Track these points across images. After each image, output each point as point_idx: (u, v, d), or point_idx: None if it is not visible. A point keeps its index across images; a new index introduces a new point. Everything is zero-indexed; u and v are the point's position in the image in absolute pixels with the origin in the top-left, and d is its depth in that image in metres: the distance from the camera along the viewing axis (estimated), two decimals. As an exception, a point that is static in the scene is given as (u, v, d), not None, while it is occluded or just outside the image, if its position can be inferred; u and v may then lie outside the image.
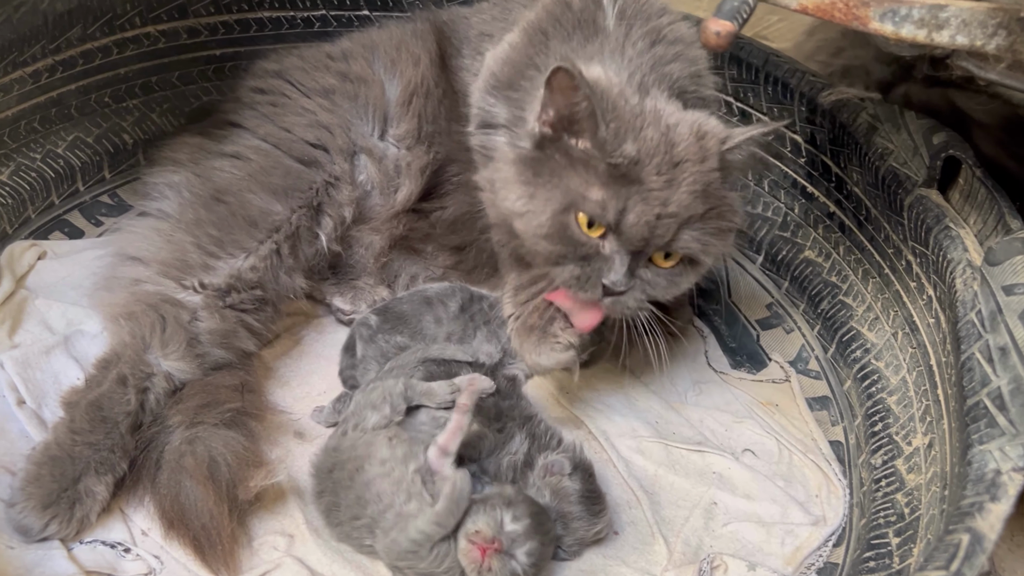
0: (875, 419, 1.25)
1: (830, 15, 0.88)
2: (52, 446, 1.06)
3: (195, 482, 1.05)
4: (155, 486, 1.07)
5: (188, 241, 1.23)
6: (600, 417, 1.30)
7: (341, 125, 1.35)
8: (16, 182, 1.43)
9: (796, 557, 1.14)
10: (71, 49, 1.46)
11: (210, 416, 1.12)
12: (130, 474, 1.09)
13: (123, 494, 1.09)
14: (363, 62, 1.41)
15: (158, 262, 1.22)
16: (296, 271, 1.31)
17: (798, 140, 1.47)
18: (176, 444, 1.09)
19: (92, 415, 1.08)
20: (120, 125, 1.58)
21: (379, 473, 1.02)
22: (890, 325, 1.29)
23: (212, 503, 1.04)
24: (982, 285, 1.03)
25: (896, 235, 1.27)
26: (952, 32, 0.86)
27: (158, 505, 1.07)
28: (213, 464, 1.07)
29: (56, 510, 1.02)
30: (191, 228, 1.24)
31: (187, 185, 1.30)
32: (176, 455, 1.08)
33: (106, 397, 1.10)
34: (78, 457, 1.05)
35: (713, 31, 0.84)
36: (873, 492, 1.17)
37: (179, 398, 1.15)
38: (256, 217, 1.26)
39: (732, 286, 1.55)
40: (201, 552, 1.03)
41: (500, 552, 1.00)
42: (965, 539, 0.78)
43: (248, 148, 1.33)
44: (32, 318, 1.29)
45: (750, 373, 1.41)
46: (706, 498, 1.21)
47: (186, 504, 1.04)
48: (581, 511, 1.08)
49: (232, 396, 1.16)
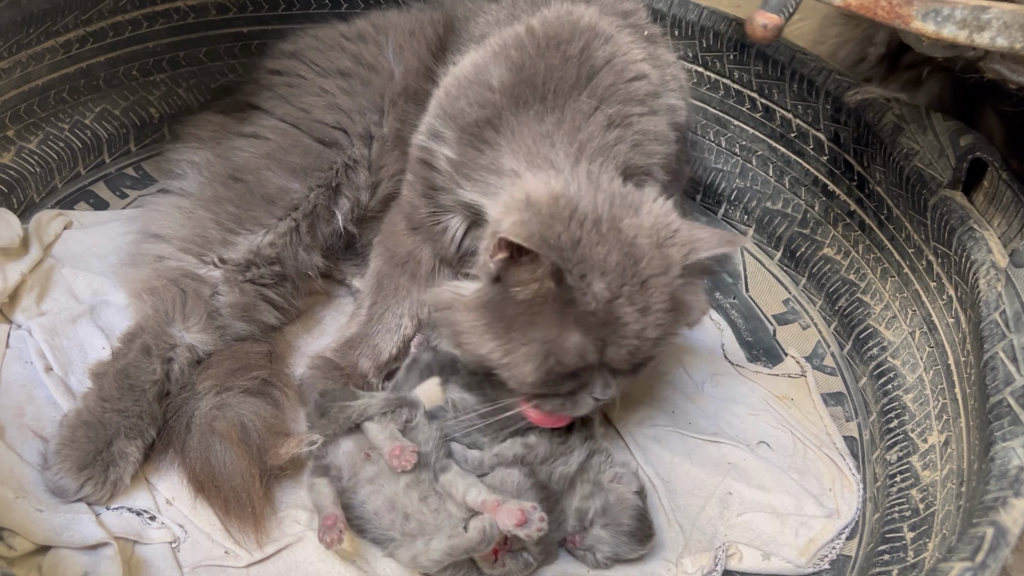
0: (891, 416, 1.26)
1: (872, 12, 0.89)
2: (84, 412, 1.08)
3: (227, 443, 1.06)
4: (185, 450, 1.09)
5: (208, 218, 1.24)
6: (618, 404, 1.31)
7: (358, 110, 1.36)
8: (44, 151, 1.44)
9: (810, 548, 1.15)
10: (102, 21, 1.47)
11: (239, 382, 1.14)
12: (159, 440, 1.10)
13: (150, 464, 1.10)
14: (375, 47, 1.41)
15: (179, 239, 1.23)
16: (314, 249, 1.31)
17: (821, 138, 1.48)
18: (206, 409, 1.11)
19: (120, 383, 1.10)
20: (147, 99, 1.59)
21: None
22: (908, 324, 1.31)
23: (244, 465, 1.06)
24: (1007, 286, 1.05)
25: (918, 235, 1.28)
26: (993, 34, 0.87)
27: (188, 468, 1.08)
28: (243, 428, 1.09)
29: (91, 472, 1.04)
30: (210, 205, 1.25)
31: (207, 164, 1.32)
32: (207, 419, 1.10)
33: (132, 366, 1.11)
34: (109, 423, 1.07)
35: (760, 23, 0.85)
36: (887, 487, 1.19)
37: (208, 364, 1.17)
38: (274, 195, 1.27)
39: (750, 281, 1.56)
40: (231, 514, 1.05)
41: (513, 551, 1.02)
42: (990, 532, 0.80)
43: (266, 128, 1.34)
44: (59, 286, 1.29)
45: (766, 367, 1.43)
46: (721, 488, 1.22)
47: (217, 466, 1.06)
48: (634, 528, 1.08)
49: (261, 362, 1.18)
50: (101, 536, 0.99)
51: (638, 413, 1.30)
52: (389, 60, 1.39)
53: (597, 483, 1.11)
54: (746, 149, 1.61)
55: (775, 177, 1.58)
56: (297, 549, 1.06)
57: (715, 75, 1.61)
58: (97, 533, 1.00)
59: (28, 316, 1.23)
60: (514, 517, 0.98)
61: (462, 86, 1.15)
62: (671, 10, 1.61)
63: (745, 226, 1.61)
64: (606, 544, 1.08)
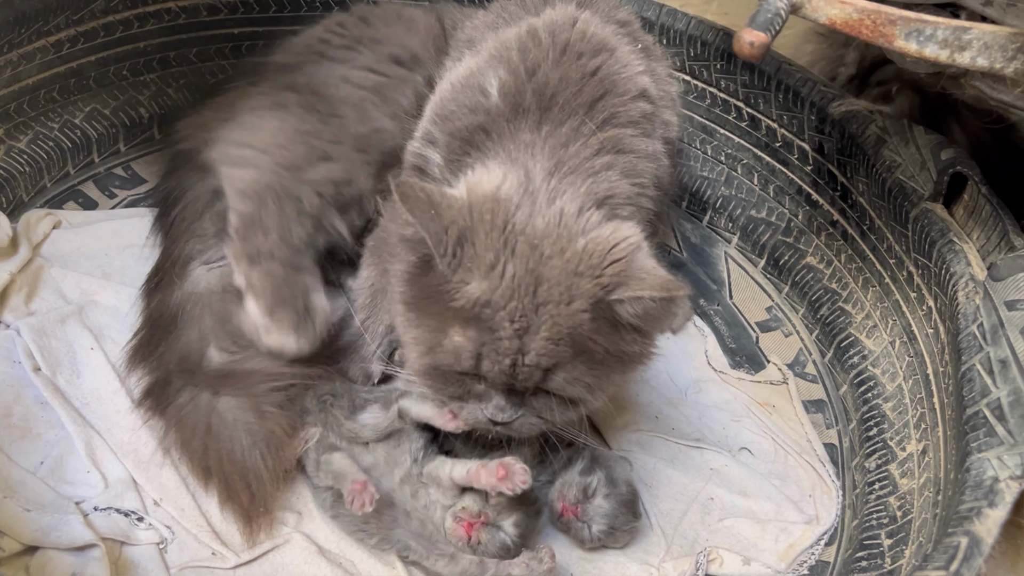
0: (870, 424, 1.28)
1: (857, 31, 0.91)
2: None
3: (257, 436, 1.11)
4: (206, 435, 1.11)
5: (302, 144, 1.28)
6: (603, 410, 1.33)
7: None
8: (34, 150, 1.44)
9: (789, 554, 1.17)
10: (93, 21, 1.47)
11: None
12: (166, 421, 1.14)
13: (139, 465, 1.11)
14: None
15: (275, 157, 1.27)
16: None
17: (805, 148, 1.50)
18: (231, 401, 1.14)
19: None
20: (137, 99, 1.59)
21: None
22: (888, 333, 1.33)
23: (270, 460, 1.09)
24: (984, 299, 1.07)
25: (899, 246, 1.30)
26: (973, 54, 0.89)
27: (200, 456, 1.10)
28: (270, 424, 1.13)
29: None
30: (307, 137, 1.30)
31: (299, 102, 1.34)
32: (234, 409, 1.13)
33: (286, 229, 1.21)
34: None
35: (747, 41, 0.87)
36: (866, 495, 1.21)
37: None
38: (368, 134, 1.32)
39: (734, 288, 1.58)
40: (238, 504, 1.08)
41: (487, 525, 1.03)
42: (964, 542, 0.82)
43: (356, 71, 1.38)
44: (48, 286, 1.30)
45: (749, 374, 1.45)
46: (703, 493, 1.24)
47: (240, 456, 1.09)
48: (629, 498, 1.13)
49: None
50: (89, 537, 1.00)
51: (622, 418, 1.32)
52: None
53: (595, 458, 1.14)
54: (732, 158, 1.63)
55: (760, 186, 1.60)
56: (284, 551, 1.07)
57: (702, 84, 1.63)
58: (85, 534, 1.00)
59: (17, 316, 1.23)
60: (495, 473, 1.01)
61: (456, 91, 1.14)
62: (659, 19, 1.62)
63: (730, 233, 1.63)
64: (604, 516, 1.11)
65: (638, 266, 0.93)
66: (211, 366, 1.18)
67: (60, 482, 1.07)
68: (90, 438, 1.12)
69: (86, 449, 1.11)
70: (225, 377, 1.16)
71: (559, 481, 1.14)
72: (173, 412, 1.13)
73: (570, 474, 1.13)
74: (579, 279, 0.92)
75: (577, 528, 1.12)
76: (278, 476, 1.10)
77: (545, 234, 0.94)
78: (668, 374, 1.42)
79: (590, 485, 1.12)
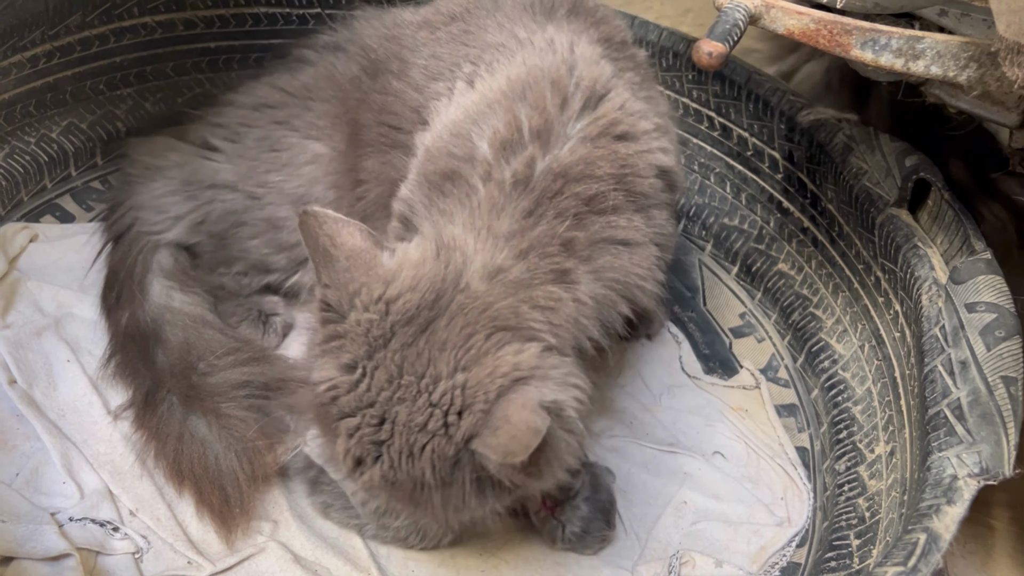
0: (840, 427, 1.30)
1: (815, 40, 0.94)
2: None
3: (230, 441, 1.12)
4: (179, 440, 1.12)
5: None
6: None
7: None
8: (10, 164, 1.45)
9: (761, 556, 1.18)
10: (69, 36, 1.49)
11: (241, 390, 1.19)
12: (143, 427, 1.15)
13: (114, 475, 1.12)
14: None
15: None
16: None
17: (776, 156, 1.53)
18: (209, 406, 1.15)
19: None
20: (114, 113, 1.60)
21: None
22: (857, 338, 1.35)
23: (246, 465, 1.11)
24: (946, 302, 1.09)
25: (866, 252, 1.33)
26: (927, 62, 0.92)
27: (174, 460, 1.11)
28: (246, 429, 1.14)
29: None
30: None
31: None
32: (210, 414, 1.14)
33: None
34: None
35: (705, 51, 0.89)
36: (836, 496, 1.22)
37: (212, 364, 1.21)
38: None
39: (707, 295, 1.60)
40: (212, 509, 1.08)
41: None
42: (922, 538, 0.84)
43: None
44: (24, 299, 1.31)
45: (722, 379, 1.46)
46: (676, 497, 1.25)
47: (213, 462, 1.10)
48: (606, 505, 1.15)
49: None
50: (63, 547, 1.01)
51: (597, 424, 1.33)
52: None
53: (583, 463, 1.15)
54: (704, 167, 1.65)
55: (732, 194, 1.62)
56: (259, 559, 1.08)
57: (674, 94, 1.65)
58: (60, 544, 1.01)
59: (-8, 329, 1.24)
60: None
61: (443, 140, 0.99)
62: (632, 30, 1.64)
63: (703, 241, 1.65)
64: (580, 519, 1.12)
65: (498, 415, 0.79)
66: (191, 378, 1.19)
67: (35, 493, 1.08)
68: (66, 449, 1.13)
69: (62, 460, 1.12)
70: (199, 387, 1.17)
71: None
72: (153, 423, 1.14)
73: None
74: (422, 435, 0.81)
75: (551, 527, 1.13)
76: (256, 480, 1.11)
77: (411, 371, 0.82)
78: (643, 380, 1.44)
79: (573, 487, 1.13)
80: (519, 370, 0.81)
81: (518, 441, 0.76)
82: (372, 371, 0.82)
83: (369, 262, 0.85)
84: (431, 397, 0.81)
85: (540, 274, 0.86)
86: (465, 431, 0.80)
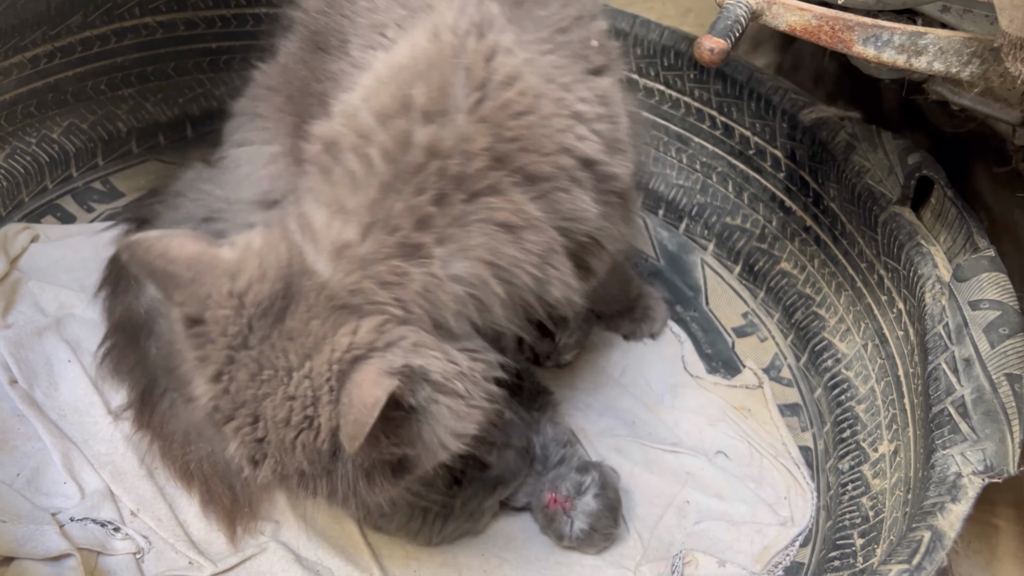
0: (843, 426, 1.30)
1: (816, 37, 0.93)
2: None
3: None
4: (185, 441, 1.12)
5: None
6: (580, 416, 1.34)
7: None
8: (11, 165, 1.45)
9: (764, 556, 1.18)
10: (71, 36, 1.49)
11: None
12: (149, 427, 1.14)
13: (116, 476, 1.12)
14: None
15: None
16: None
17: (778, 155, 1.52)
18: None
19: None
20: (115, 113, 1.60)
21: None
22: (860, 336, 1.34)
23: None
24: (950, 300, 1.09)
25: (869, 250, 1.32)
26: (930, 58, 0.91)
27: (181, 460, 1.11)
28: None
29: None
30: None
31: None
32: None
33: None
34: None
35: (707, 48, 0.89)
36: (839, 496, 1.22)
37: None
38: None
39: (710, 295, 1.60)
40: (220, 510, 1.09)
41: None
42: (927, 536, 0.83)
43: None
44: (25, 299, 1.30)
45: (724, 378, 1.46)
46: (679, 497, 1.25)
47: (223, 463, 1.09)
48: (615, 503, 1.16)
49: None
50: (64, 547, 1.01)
51: (599, 424, 1.33)
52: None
53: (590, 461, 1.20)
54: (706, 166, 1.65)
55: (734, 193, 1.62)
56: (261, 559, 1.08)
57: (676, 94, 1.65)
58: (60, 544, 1.01)
59: (-6, 329, 1.24)
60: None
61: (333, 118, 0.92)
62: (633, 30, 1.64)
63: (706, 240, 1.65)
64: (589, 515, 1.13)
65: (345, 400, 0.78)
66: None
67: (36, 493, 1.08)
68: (67, 450, 1.13)
69: (63, 460, 1.11)
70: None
71: (552, 474, 1.17)
72: (156, 421, 1.13)
73: (565, 469, 1.17)
74: (289, 430, 0.81)
75: (560, 522, 1.13)
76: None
77: (269, 365, 0.81)
78: (645, 380, 1.44)
79: (584, 483, 1.14)
80: (355, 348, 0.79)
81: (357, 422, 0.73)
82: (235, 373, 0.81)
83: (210, 263, 0.81)
84: (288, 390, 0.80)
85: (386, 248, 0.82)
86: (329, 422, 0.79)
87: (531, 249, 0.87)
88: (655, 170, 1.71)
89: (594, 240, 0.97)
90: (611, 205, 0.98)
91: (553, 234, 0.90)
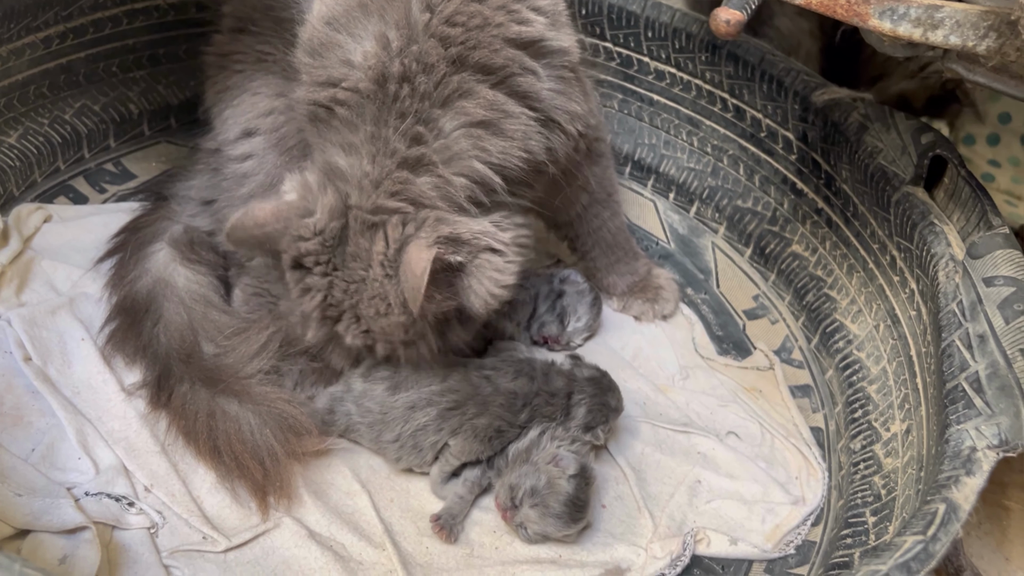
0: (855, 406, 1.30)
1: (832, 11, 0.93)
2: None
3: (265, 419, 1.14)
4: (211, 416, 1.13)
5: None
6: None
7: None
8: (24, 145, 1.45)
9: (776, 534, 1.18)
10: (82, 17, 1.49)
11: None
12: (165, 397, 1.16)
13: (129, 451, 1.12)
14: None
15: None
16: None
17: (790, 137, 1.52)
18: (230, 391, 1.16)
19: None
20: (127, 95, 1.61)
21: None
22: (872, 317, 1.34)
23: (279, 443, 1.13)
24: (964, 277, 1.08)
25: (882, 231, 1.32)
26: (946, 32, 0.91)
27: (206, 434, 1.12)
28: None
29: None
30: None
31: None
32: (245, 390, 1.16)
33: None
34: None
35: (723, 19, 0.88)
36: (851, 475, 1.22)
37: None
38: None
39: (720, 277, 1.60)
40: (254, 474, 1.10)
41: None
42: (941, 508, 0.83)
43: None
44: (38, 278, 1.31)
45: (735, 360, 1.46)
46: (691, 476, 1.25)
47: (249, 437, 1.12)
48: (560, 512, 1.10)
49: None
50: (80, 520, 1.01)
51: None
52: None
53: (533, 463, 1.13)
54: (718, 148, 1.65)
55: (746, 176, 1.61)
56: (274, 535, 1.08)
57: (687, 76, 1.64)
58: (76, 517, 1.01)
59: (8, 307, 1.24)
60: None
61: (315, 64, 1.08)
62: (644, 12, 1.64)
63: (716, 223, 1.65)
64: (534, 523, 1.11)
65: (399, 276, 1.01)
66: (204, 358, 1.19)
67: (51, 468, 1.09)
68: (81, 426, 1.13)
69: (77, 436, 1.12)
70: (219, 368, 1.17)
71: (497, 483, 1.16)
72: (176, 402, 1.14)
73: (508, 475, 1.14)
74: (382, 320, 1.04)
75: (513, 530, 1.14)
76: (295, 455, 1.13)
77: (351, 279, 1.04)
78: (656, 361, 1.44)
79: (517, 491, 1.11)
80: (393, 244, 1.00)
81: (414, 288, 0.96)
82: (332, 292, 1.05)
83: (287, 209, 1.03)
84: (369, 293, 1.03)
85: (388, 168, 1.00)
86: (399, 299, 1.02)
87: (513, 135, 1.02)
88: (666, 153, 1.70)
89: (555, 122, 1.08)
90: (565, 80, 1.09)
91: (528, 112, 1.04)
